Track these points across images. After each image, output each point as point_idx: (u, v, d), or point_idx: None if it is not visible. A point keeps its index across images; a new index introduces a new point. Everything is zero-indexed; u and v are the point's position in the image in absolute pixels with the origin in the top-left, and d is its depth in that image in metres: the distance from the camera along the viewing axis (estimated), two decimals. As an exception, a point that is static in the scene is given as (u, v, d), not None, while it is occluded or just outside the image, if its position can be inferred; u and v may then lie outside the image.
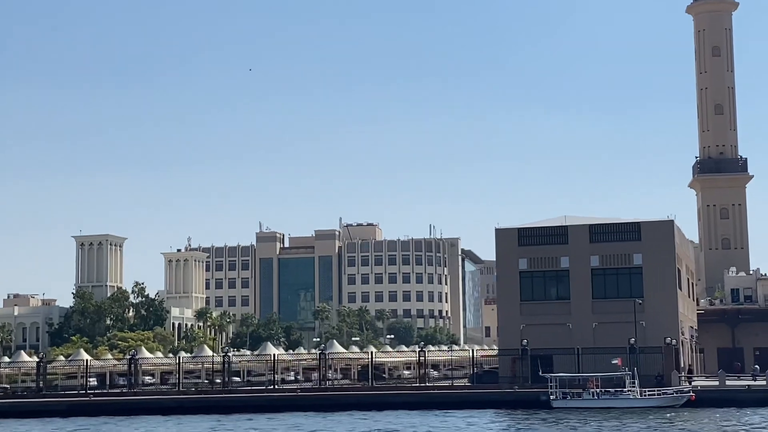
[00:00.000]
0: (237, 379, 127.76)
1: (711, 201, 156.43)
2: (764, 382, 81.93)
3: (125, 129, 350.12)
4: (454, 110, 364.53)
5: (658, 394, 78.75)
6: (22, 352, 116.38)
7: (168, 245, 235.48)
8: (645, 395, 78.32)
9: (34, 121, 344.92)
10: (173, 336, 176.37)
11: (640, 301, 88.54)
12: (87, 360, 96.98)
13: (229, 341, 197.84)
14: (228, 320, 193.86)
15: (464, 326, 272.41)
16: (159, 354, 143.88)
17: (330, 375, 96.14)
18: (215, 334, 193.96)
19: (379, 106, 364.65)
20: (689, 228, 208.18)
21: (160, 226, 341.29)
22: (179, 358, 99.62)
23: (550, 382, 79.62)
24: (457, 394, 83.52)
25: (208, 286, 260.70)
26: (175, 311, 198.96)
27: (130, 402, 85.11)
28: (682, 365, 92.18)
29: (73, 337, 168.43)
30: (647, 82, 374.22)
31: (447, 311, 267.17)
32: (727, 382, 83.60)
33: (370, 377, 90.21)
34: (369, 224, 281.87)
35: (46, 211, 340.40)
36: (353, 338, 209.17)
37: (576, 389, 79.87)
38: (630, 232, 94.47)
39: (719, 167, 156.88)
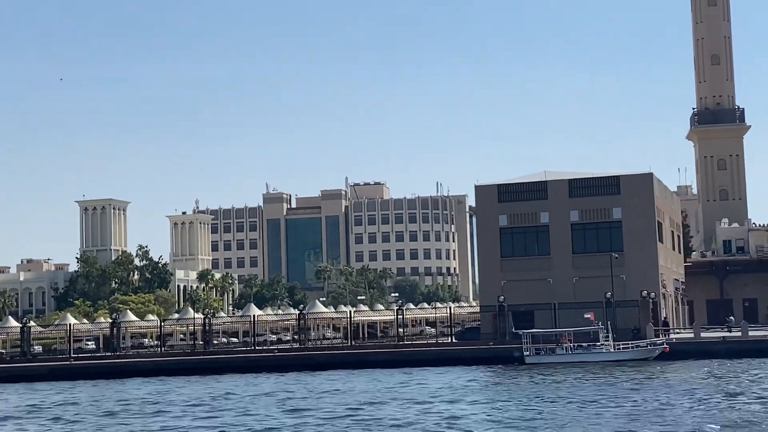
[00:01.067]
0: (235, 339, 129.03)
1: (708, 152, 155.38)
2: (739, 334, 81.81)
3: (130, 93, 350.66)
4: (459, 66, 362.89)
5: (632, 347, 78.83)
6: (11, 317, 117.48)
7: (175, 208, 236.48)
8: (618, 349, 78.39)
9: (37, 87, 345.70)
10: (175, 298, 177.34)
11: (617, 255, 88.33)
12: (70, 324, 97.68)
13: (232, 303, 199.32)
14: (229, 282, 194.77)
15: (473, 283, 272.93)
16: (151, 317, 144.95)
17: (312, 335, 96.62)
18: (219, 296, 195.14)
19: (385, 65, 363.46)
20: (688, 180, 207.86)
21: (167, 189, 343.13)
22: (160, 321, 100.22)
23: (524, 338, 79.82)
24: (433, 351, 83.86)
25: (216, 248, 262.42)
26: (180, 274, 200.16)
27: (109, 365, 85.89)
28: (663, 318, 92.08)
29: (77, 302, 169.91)
30: (643, 34, 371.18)
31: (455, 268, 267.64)
32: (702, 334, 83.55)
33: (349, 336, 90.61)
34: (376, 183, 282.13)
35: (52, 177, 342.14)
36: (359, 297, 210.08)
37: (550, 344, 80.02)
38: (609, 186, 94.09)
39: (716, 118, 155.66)
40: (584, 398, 49.77)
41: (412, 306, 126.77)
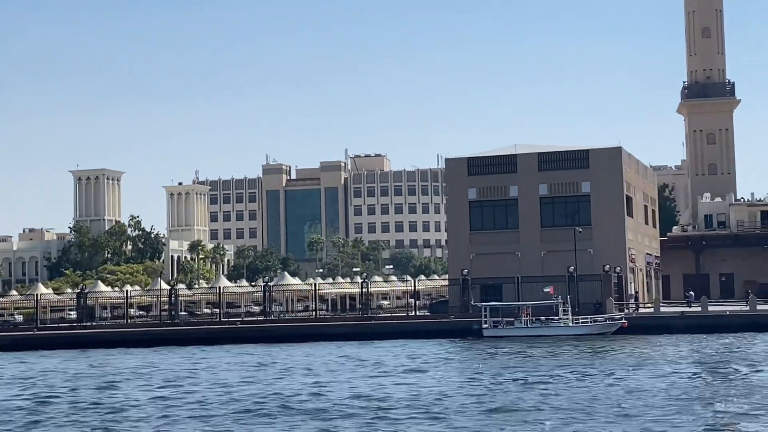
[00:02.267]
0: (217, 311, 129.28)
1: (697, 126, 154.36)
2: (699, 309, 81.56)
3: (129, 62, 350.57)
4: (462, 36, 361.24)
5: (591, 322, 78.77)
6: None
7: (175, 179, 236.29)
8: (575, 323, 78.34)
9: (34, 57, 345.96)
10: (162, 269, 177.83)
11: (580, 230, 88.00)
12: (37, 294, 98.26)
13: (227, 273, 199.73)
14: (221, 253, 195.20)
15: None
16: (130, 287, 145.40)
17: (279, 308, 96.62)
18: (213, 267, 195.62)
19: (385, 36, 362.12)
20: (679, 154, 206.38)
21: (167, 160, 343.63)
22: (127, 292, 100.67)
23: (483, 311, 79.82)
24: (394, 324, 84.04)
25: (215, 219, 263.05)
26: (174, 244, 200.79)
27: (70, 336, 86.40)
28: (635, 292, 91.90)
29: (67, 271, 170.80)
30: (635, 4, 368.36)
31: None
32: (663, 309, 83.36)
33: (314, 308, 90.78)
34: (377, 155, 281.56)
35: (51, 148, 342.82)
36: (354, 269, 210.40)
37: (509, 318, 79.98)
38: (578, 160, 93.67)
39: (706, 92, 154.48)
40: (509, 372, 49.79)
41: (377, 279, 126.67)
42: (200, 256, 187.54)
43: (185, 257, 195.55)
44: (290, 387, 46.41)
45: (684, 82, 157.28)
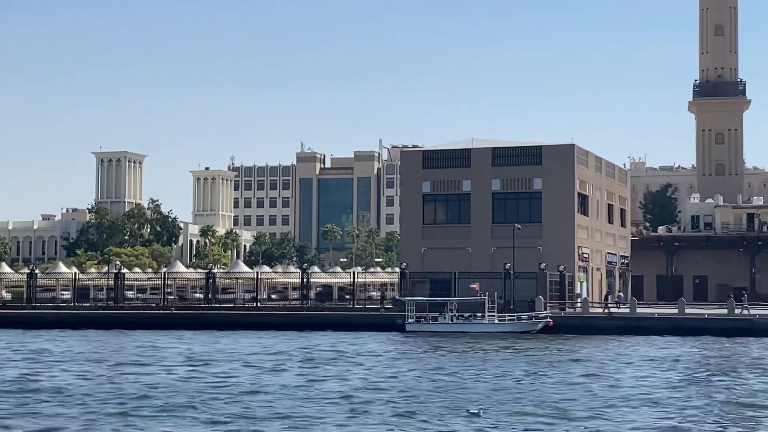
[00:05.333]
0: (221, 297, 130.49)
1: (707, 125, 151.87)
2: (627, 311, 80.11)
3: (166, 49, 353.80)
4: (506, 24, 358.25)
5: (517, 320, 77.91)
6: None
7: (211, 166, 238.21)
8: (499, 320, 77.55)
9: (71, 38, 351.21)
10: (171, 253, 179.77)
11: (519, 226, 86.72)
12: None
13: (244, 259, 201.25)
14: (232, 239, 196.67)
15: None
16: (149, 270, 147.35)
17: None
18: (228, 253, 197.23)
19: (430, 23, 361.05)
20: (690, 152, 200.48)
21: (202, 146, 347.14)
22: (75, 274, 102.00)
23: (408, 306, 79.41)
24: (326, 315, 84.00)
25: (249, 205, 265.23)
26: (193, 229, 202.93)
27: (18, 316, 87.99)
28: (578, 292, 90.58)
29: (78, 251, 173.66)
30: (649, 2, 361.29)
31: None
32: (591, 310, 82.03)
33: (256, 298, 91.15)
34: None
35: (95, 132, 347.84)
36: (376, 259, 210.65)
37: (434, 314, 79.40)
38: (531, 156, 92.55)
39: (717, 91, 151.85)
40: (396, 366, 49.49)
41: (317, 269, 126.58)
42: (212, 242, 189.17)
43: (198, 242, 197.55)
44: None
45: (695, 81, 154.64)
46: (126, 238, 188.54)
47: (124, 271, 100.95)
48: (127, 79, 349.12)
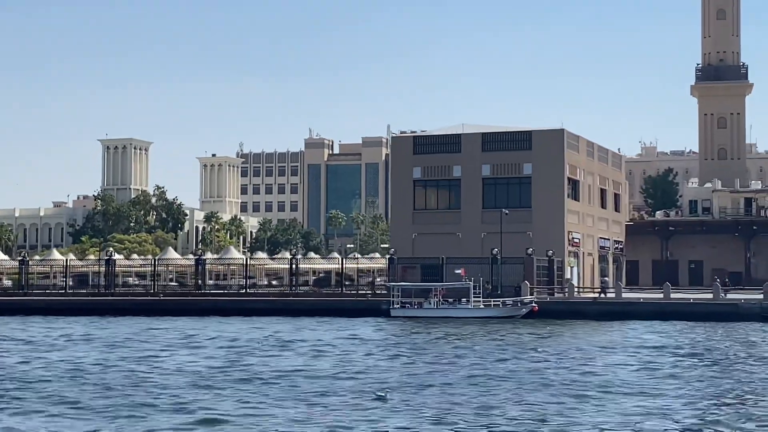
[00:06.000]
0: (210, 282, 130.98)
1: (709, 110, 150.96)
2: (612, 296, 79.97)
3: (173, 34, 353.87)
4: (511, 13, 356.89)
5: (502, 305, 77.94)
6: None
7: (218, 153, 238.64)
8: (484, 305, 77.55)
9: (81, 24, 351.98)
10: (176, 239, 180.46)
11: (506, 212, 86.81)
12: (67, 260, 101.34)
13: (249, 245, 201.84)
14: (236, 225, 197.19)
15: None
16: (149, 257, 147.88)
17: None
18: (234, 239, 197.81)
19: (436, 11, 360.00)
20: (693, 137, 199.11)
21: (210, 132, 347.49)
22: (67, 261, 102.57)
23: (393, 291, 79.56)
24: (315, 301, 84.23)
25: (258, 192, 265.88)
26: (199, 215, 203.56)
27: (16, 302, 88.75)
28: (567, 277, 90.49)
29: (83, 238, 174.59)
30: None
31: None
32: (583, 295, 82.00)
33: (245, 285, 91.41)
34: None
35: (100, 118, 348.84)
36: (382, 245, 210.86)
37: (419, 299, 79.50)
38: (521, 141, 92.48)
39: (719, 74, 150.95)
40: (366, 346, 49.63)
41: (314, 256, 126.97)
42: (216, 228, 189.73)
43: (204, 228, 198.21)
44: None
45: (697, 65, 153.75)
46: (132, 224, 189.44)
47: (116, 257, 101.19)
48: (133, 66, 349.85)
